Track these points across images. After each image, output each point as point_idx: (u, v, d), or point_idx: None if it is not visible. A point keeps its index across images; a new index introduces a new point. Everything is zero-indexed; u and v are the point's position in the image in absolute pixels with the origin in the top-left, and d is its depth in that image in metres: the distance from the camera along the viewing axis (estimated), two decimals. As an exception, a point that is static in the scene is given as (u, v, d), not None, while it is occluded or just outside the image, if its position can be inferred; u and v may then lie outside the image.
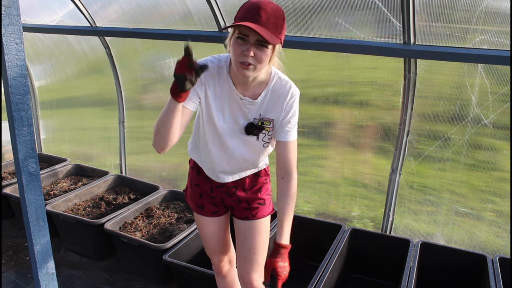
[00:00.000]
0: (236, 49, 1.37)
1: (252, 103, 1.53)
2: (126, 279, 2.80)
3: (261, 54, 1.36)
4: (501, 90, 2.26)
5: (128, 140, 3.78)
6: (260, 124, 1.56)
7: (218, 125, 1.56)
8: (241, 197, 1.73)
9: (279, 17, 1.36)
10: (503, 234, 2.49)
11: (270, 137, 1.60)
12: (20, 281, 2.76)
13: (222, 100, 1.53)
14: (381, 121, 2.67)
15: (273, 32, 1.34)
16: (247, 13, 1.34)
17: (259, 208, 1.73)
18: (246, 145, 1.61)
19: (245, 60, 1.35)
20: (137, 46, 3.43)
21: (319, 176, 2.97)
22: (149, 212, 3.16)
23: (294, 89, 1.54)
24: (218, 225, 1.83)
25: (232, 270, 1.98)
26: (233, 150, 1.61)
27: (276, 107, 1.54)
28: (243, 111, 1.54)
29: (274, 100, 1.53)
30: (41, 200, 1.52)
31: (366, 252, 2.68)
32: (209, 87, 1.52)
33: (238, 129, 1.57)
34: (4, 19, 1.32)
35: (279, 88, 1.53)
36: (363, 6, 2.31)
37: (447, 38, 2.20)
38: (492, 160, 2.42)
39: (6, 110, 1.41)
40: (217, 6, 2.65)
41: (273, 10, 1.35)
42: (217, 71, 1.52)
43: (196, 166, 1.76)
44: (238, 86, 1.51)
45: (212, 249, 1.89)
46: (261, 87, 1.52)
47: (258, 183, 1.74)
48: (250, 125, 1.55)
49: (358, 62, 2.59)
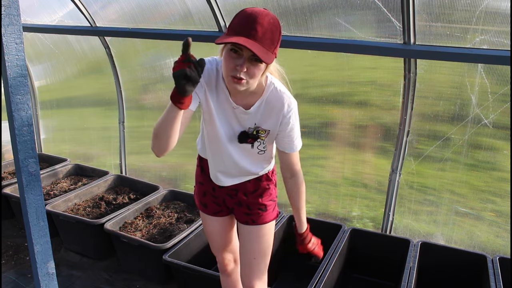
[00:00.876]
0: (228, 63, 1.32)
1: (245, 112, 1.49)
2: (126, 279, 2.80)
3: (254, 70, 1.32)
4: (501, 90, 2.26)
5: (128, 140, 3.78)
6: (255, 133, 1.53)
7: (216, 127, 1.54)
8: (242, 200, 1.71)
9: (276, 31, 1.31)
10: (503, 234, 2.49)
11: (265, 145, 1.59)
12: (20, 281, 2.76)
13: (220, 104, 1.51)
14: (381, 121, 2.67)
15: (268, 48, 1.29)
16: (242, 25, 1.28)
17: (260, 213, 1.70)
18: (242, 151, 1.59)
19: (237, 74, 1.31)
20: (137, 46, 3.43)
21: (319, 176, 2.97)
22: (149, 212, 3.16)
23: (290, 101, 1.49)
24: (221, 225, 1.82)
25: (236, 269, 1.96)
26: (229, 154, 1.59)
27: (271, 118, 1.50)
28: (237, 118, 1.52)
29: (269, 111, 1.49)
30: (41, 200, 1.52)
31: (366, 252, 2.68)
32: (208, 88, 1.49)
33: (234, 135, 1.55)
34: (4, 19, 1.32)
35: (274, 100, 1.48)
36: (363, 6, 2.30)
37: (447, 38, 2.20)
38: (492, 160, 2.42)
39: (6, 110, 1.41)
40: (217, 6, 2.65)
41: (269, 24, 1.29)
42: (215, 73, 1.49)
43: (201, 164, 1.76)
44: (232, 94, 1.48)
45: (216, 247, 1.89)
46: (255, 97, 1.48)
47: (260, 188, 1.71)
48: (243, 133, 1.53)
49: (358, 62, 2.59)
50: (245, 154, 1.60)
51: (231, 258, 1.93)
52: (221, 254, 1.90)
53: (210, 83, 1.49)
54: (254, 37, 1.26)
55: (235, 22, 1.31)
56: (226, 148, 1.58)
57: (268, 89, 1.48)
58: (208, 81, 1.48)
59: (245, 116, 1.51)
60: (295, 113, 1.51)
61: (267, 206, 1.72)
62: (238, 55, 1.30)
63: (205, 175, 1.75)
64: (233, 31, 1.29)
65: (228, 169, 1.65)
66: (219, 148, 1.60)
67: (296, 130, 1.54)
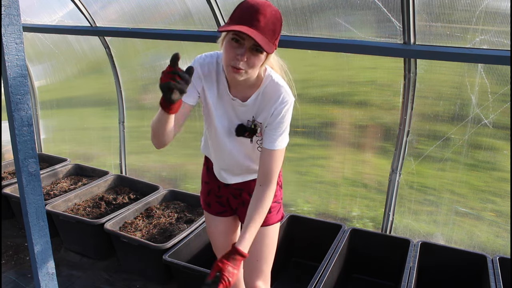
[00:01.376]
0: (229, 52, 1.31)
1: (242, 105, 1.48)
2: (126, 279, 2.80)
3: (255, 60, 1.31)
4: (501, 90, 2.26)
5: (128, 140, 3.79)
6: (253, 126, 1.51)
7: (215, 122, 1.53)
8: (246, 200, 1.70)
9: (277, 22, 1.30)
10: (503, 234, 2.49)
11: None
12: (20, 281, 2.76)
13: (219, 97, 1.50)
14: (381, 121, 2.67)
15: (270, 38, 1.28)
16: (244, 14, 1.27)
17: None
18: (241, 146, 1.57)
19: (237, 64, 1.30)
20: (137, 46, 3.43)
21: (319, 176, 2.97)
22: (149, 212, 3.16)
23: (286, 95, 1.44)
24: (224, 225, 1.81)
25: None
26: (229, 150, 1.58)
27: (264, 110, 1.47)
28: (236, 111, 1.51)
29: (266, 104, 1.46)
30: (41, 200, 1.52)
31: (366, 252, 2.68)
32: (206, 82, 1.48)
33: (232, 129, 1.54)
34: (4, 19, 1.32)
35: (270, 92, 1.45)
36: (363, 6, 2.30)
37: (447, 38, 2.20)
38: (492, 160, 2.42)
39: (6, 110, 1.41)
40: (217, 6, 2.65)
41: (272, 15, 1.28)
42: (215, 67, 1.48)
43: (207, 163, 1.76)
44: (232, 86, 1.47)
45: (219, 247, 1.87)
46: (252, 89, 1.47)
47: None
48: (240, 126, 1.51)
49: (358, 62, 2.59)
50: (244, 150, 1.59)
51: None
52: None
53: (210, 76, 1.49)
54: (256, 27, 1.25)
55: (237, 12, 1.30)
56: (226, 143, 1.57)
57: (265, 81, 1.45)
58: (207, 74, 1.48)
59: (243, 108, 1.49)
60: (288, 108, 1.45)
61: (271, 208, 1.69)
62: (239, 44, 1.29)
63: (211, 174, 1.75)
64: (235, 21, 1.28)
65: (230, 166, 1.65)
66: (219, 144, 1.59)
67: (283, 127, 1.46)
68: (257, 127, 1.51)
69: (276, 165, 1.48)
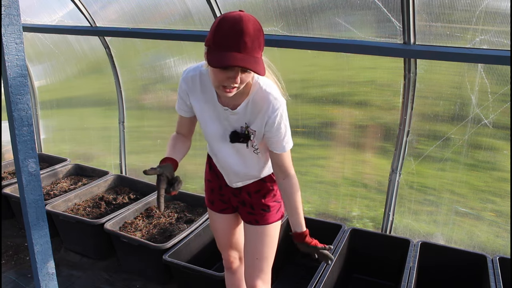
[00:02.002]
0: (219, 75, 1.29)
1: (233, 113, 1.49)
2: (126, 279, 2.80)
3: (245, 77, 1.31)
4: (501, 90, 2.26)
5: (128, 140, 3.78)
6: (247, 132, 1.52)
7: (208, 130, 1.57)
8: (246, 200, 1.72)
9: (260, 35, 1.28)
10: (503, 234, 2.49)
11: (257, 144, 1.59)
12: (20, 281, 2.76)
13: (209, 107, 1.52)
14: (381, 121, 2.67)
15: (257, 54, 1.27)
16: (229, 39, 1.24)
17: (263, 214, 1.71)
18: (238, 152, 1.60)
19: (230, 85, 1.30)
20: (137, 46, 3.43)
21: (319, 176, 2.97)
22: (149, 212, 3.16)
23: (275, 102, 1.43)
24: (227, 222, 1.84)
25: (241, 268, 1.96)
26: (225, 156, 1.61)
27: (257, 119, 1.48)
28: (228, 120, 1.52)
29: (256, 112, 1.47)
30: (41, 200, 1.52)
31: (366, 252, 2.68)
32: (192, 95, 1.52)
33: (226, 136, 1.55)
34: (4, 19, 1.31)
35: (260, 100, 1.44)
36: (363, 6, 2.30)
37: (447, 38, 2.20)
38: (492, 160, 2.42)
39: (6, 110, 1.41)
40: (217, 6, 2.65)
41: (254, 29, 1.25)
42: (199, 79, 1.49)
43: (210, 162, 1.78)
44: (220, 95, 1.47)
45: (222, 244, 1.90)
46: (242, 96, 1.46)
47: (263, 188, 1.71)
48: (234, 133, 1.53)
49: (358, 62, 2.59)
50: (241, 156, 1.61)
51: (236, 256, 1.94)
52: (226, 251, 1.91)
53: (195, 89, 1.51)
54: (244, 49, 1.24)
55: (220, 35, 1.26)
56: (222, 150, 1.60)
57: (253, 88, 1.45)
58: (192, 87, 1.51)
59: (234, 116, 1.50)
60: (281, 113, 1.45)
61: (271, 207, 1.72)
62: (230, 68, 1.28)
63: (213, 173, 1.77)
64: (221, 46, 1.25)
65: (228, 172, 1.68)
66: (215, 150, 1.63)
67: (283, 129, 1.49)
68: (250, 133, 1.52)
69: (288, 161, 1.58)
